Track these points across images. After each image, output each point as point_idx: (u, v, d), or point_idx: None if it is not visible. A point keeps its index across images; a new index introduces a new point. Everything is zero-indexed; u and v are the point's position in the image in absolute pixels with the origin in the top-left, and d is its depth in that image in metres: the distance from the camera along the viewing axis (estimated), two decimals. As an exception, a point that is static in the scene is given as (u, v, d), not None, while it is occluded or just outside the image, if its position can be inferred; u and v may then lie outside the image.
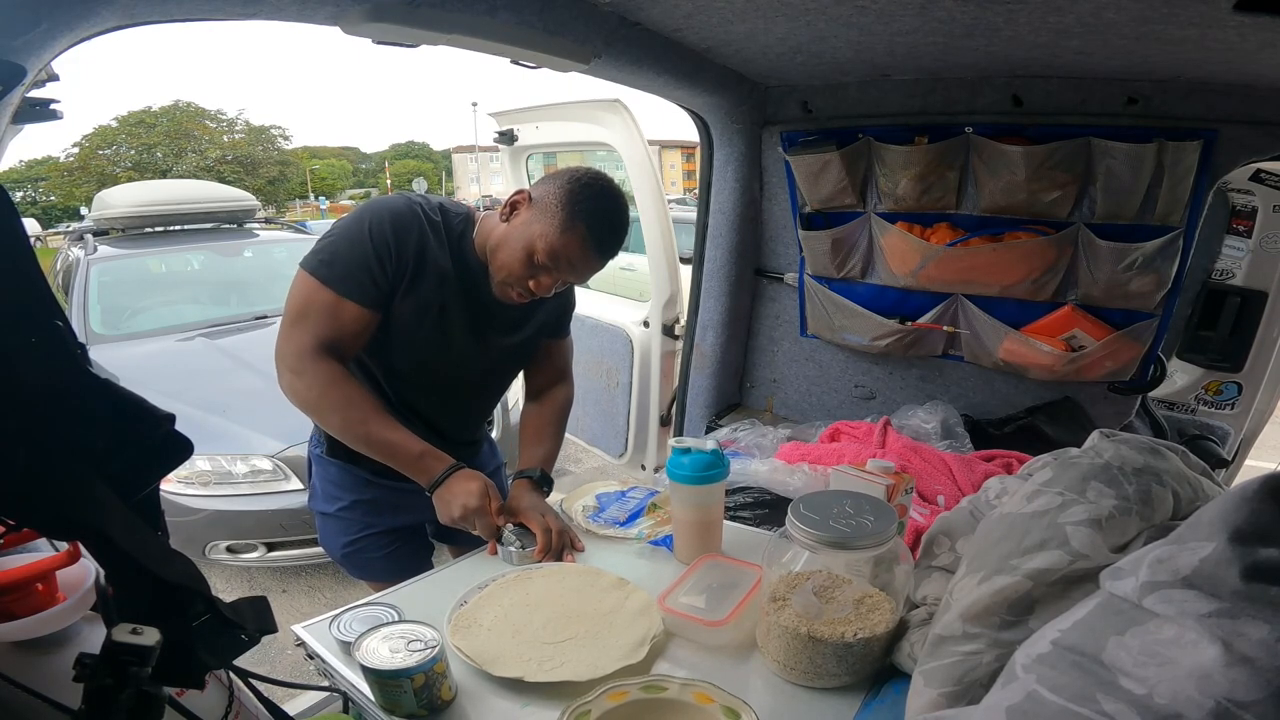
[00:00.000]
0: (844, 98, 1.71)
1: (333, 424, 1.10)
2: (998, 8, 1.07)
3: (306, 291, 1.06)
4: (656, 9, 1.24)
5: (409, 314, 1.12)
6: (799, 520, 0.84)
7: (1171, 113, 1.37)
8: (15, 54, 0.73)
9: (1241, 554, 0.49)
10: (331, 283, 1.05)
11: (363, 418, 1.08)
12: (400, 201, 1.11)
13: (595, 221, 1.07)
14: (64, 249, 4.68)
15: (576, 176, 1.09)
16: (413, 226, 1.09)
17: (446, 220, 1.15)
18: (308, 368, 1.05)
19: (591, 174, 1.10)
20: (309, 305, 1.06)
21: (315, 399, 1.07)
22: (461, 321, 1.17)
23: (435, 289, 1.12)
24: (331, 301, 1.05)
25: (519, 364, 1.36)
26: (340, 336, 1.07)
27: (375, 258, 1.05)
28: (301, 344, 1.05)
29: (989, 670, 0.67)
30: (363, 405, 1.08)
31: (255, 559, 2.63)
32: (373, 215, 1.08)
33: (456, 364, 1.21)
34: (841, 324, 1.88)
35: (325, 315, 1.06)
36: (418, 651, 0.77)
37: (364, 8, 0.99)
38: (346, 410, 1.07)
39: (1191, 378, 2.20)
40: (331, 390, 1.06)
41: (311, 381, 1.06)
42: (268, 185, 32.32)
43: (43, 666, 0.58)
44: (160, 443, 0.55)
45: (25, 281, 0.48)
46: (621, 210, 1.11)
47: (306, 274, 1.07)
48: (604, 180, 1.10)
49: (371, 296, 1.07)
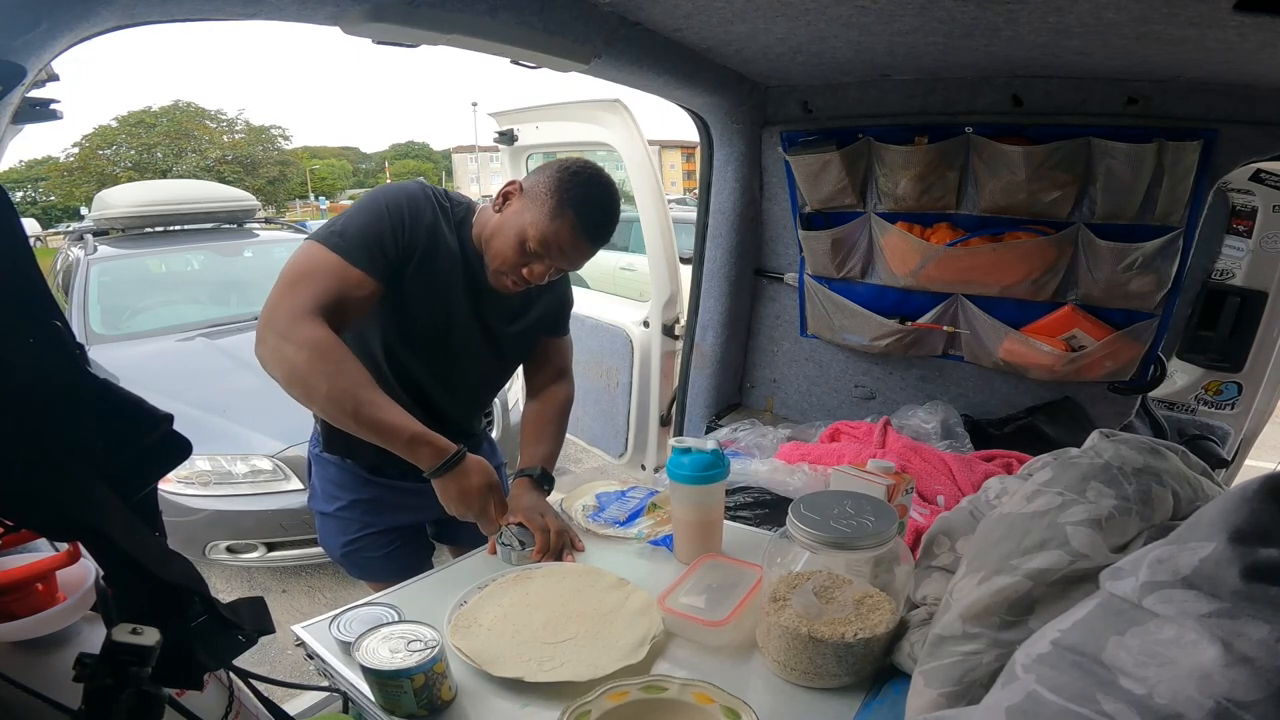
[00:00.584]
0: (844, 98, 1.71)
1: (319, 394, 0.97)
2: (998, 8, 1.07)
3: (311, 255, 1.02)
4: (656, 9, 1.24)
5: (420, 289, 1.12)
6: (799, 520, 0.84)
7: (1171, 113, 1.37)
8: (15, 54, 0.73)
9: (1241, 554, 0.49)
10: (340, 250, 1.03)
11: (355, 391, 0.98)
12: (413, 185, 1.15)
13: (584, 208, 1.09)
14: (64, 249, 4.67)
15: (566, 165, 1.11)
16: (426, 207, 1.12)
17: (453, 206, 1.19)
18: (299, 330, 0.96)
19: (580, 163, 1.12)
20: (313, 267, 1.01)
21: (303, 364, 0.95)
22: (465, 304, 1.19)
23: (446, 269, 1.14)
24: (338, 264, 1.02)
25: (518, 355, 1.35)
26: (343, 300, 1.01)
27: (390, 230, 1.07)
28: (296, 304, 0.98)
29: (989, 670, 0.67)
30: (355, 375, 0.99)
31: (255, 559, 2.63)
32: (389, 193, 1.11)
33: (459, 345, 1.21)
34: (841, 324, 1.88)
35: (330, 276, 1.01)
36: (418, 652, 0.77)
37: (364, 8, 0.99)
38: (337, 379, 0.96)
39: (1191, 378, 2.20)
40: (322, 356, 0.96)
41: (301, 344, 0.95)
42: (268, 185, 32.31)
43: (43, 666, 0.58)
44: (159, 443, 0.55)
45: (25, 281, 0.48)
46: (611, 197, 1.13)
47: (314, 242, 1.04)
48: (593, 168, 1.12)
49: (380, 267, 1.05)
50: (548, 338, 1.37)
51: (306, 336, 0.96)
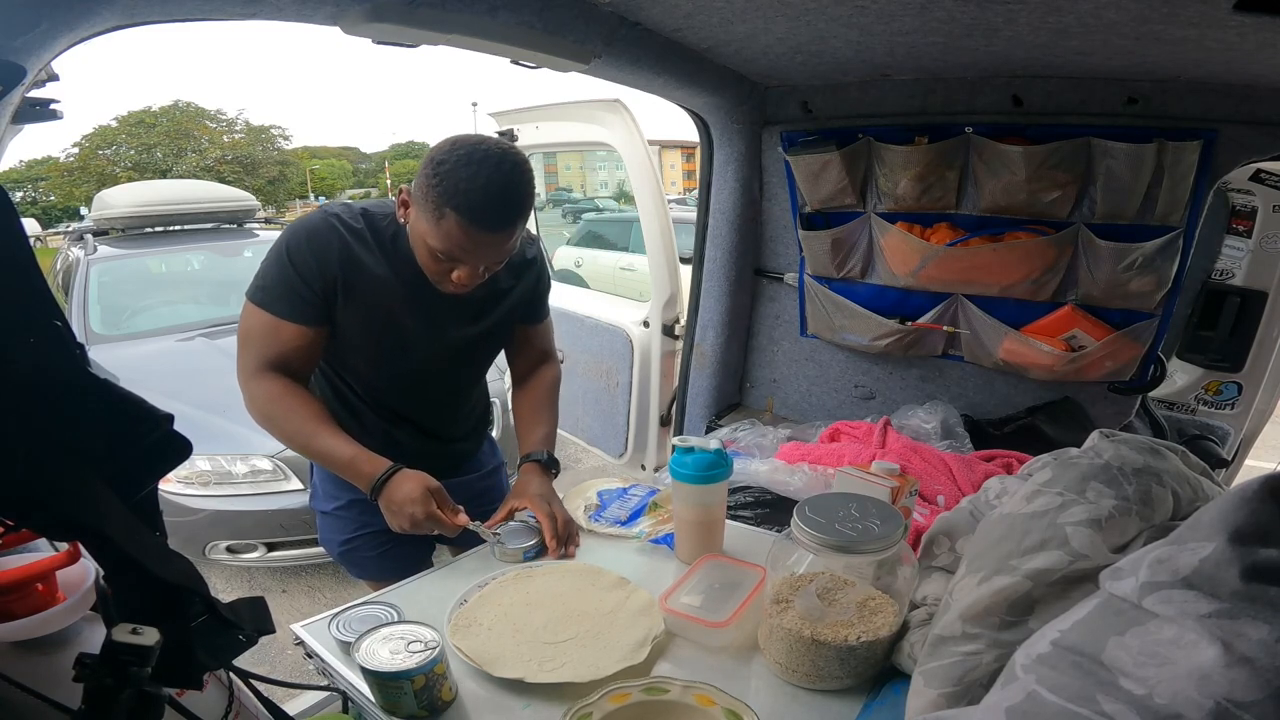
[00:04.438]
0: (844, 98, 1.71)
1: (282, 437, 1.11)
2: (998, 8, 1.07)
3: (247, 316, 1.10)
4: (656, 9, 1.24)
5: (355, 324, 1.12)
6: (804, 523, 0.84)
7: (1171, 113, 1.37)
8: (15, 54, 0.73)
9: (1241, 554, 0.49)
10: (267, 305, 1.07)
11: (302, 428, 1.09)
12: (316, 218, 1.10)
13: (463, 199, 0.95)
14: (64, 249, 4.67)
15: (433, 156, 0.98)
16: (330, 240, 1.07)
17: (372, 225, 1.11)
18: (252, 388, 1.09)
19: (449, 144, 0.98)
20: (250, 330, 1.09)
21: (264, 416, 1.10)
22: (415, 320, 1.15)
23: (375, 295, 1.11)
24: (269, 323, 1.07)
25: (490, 351, 1.34)
26: (283, 354, 1.09)
27: (299, 278, 1.06)
28: (245, 366, 1.09)
29: (989, 670, 0.67)
30: (304, 415, 1.09)
31: (255, 559, 2.63)
32: (289, 237, 1.08)
33: (421, 362, 1.20)
34: (841, 324, 1.88)
35: (265, 336, 1.08)
36: (418, 653, 0.77)
37: (364, 8, 0.99)
38: (287, 422, 1.09)
39: (1191, 378, 2.20)
40: (273, 405, 1.09)
41: (255, 398, 1.09)
42: (268, 185, 32.28)
43: (43, 666, 0.58)
44: (160, 443, 0.55)
45: (25, 281, 0.48)
46: (498, 170, 0.96)
47: (247, 301, 1.09)
48: (464, 146, 0.97)
49: (307, 314, 1.08)
50: (526, 326, 1.34)
51: (257, 393, 1.09)
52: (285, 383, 1.10)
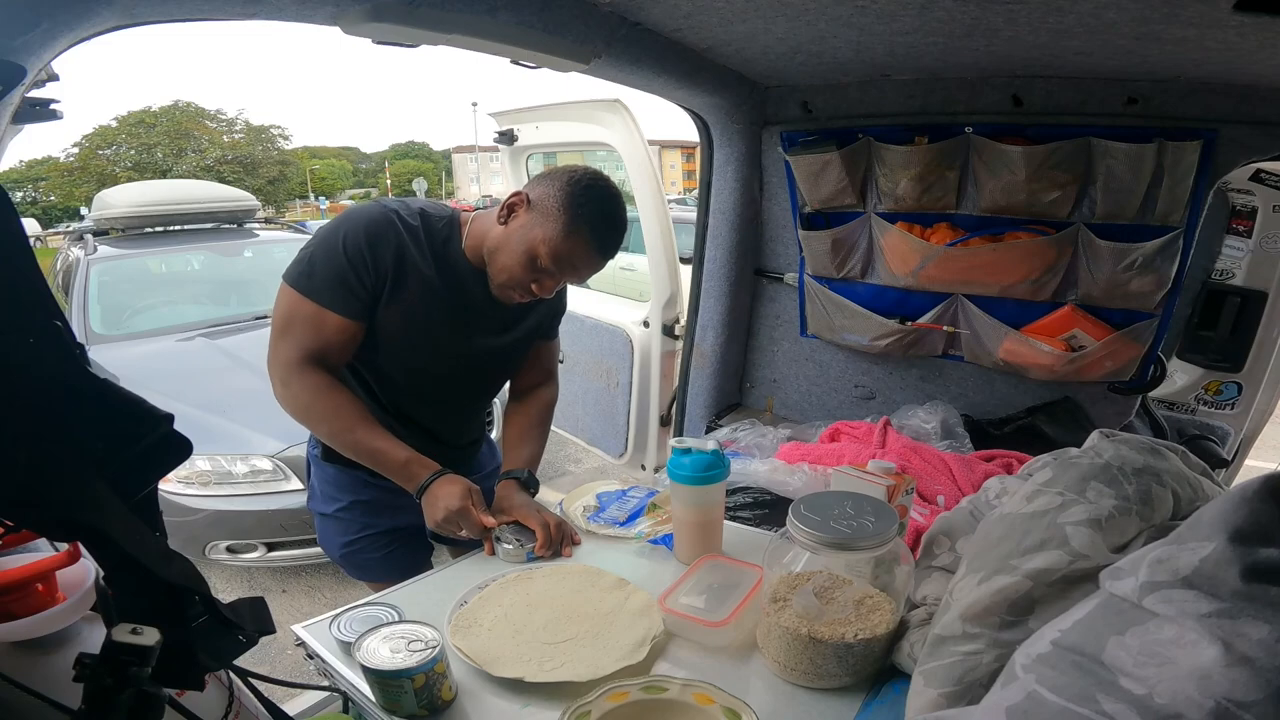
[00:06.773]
0: (844, 98, 1.71)
1: (322, 432, 1.13)
2: (998, 8, 1.07)
3: (289, 304, 1.08)
4: (656, 9, 1.24)
5: (394, 322, 1.12)
6: (800, 521, 0.84)
7: (1171, 113, 1.37)
8: (15, 54, 0.73)
9: (1241, 554, 0.49)
10: (313, 294, 1.06)
11: (350, 426, 1.10)
12: (376, 210, 1.10)
13: (598, 224, 1.07)
14: (64, 249, 4.67)
15: (575, 178, 1.07)
16: (389, 235, 1.08)
17: (428, 225, 1.13)
18: (294, 379, 1.08)
19: (590, 174, 1.09)
20: (293, 317, 1.07)
21: (304, 409, 1.10)
22: (447, 327, 1.16)
23: (418, 296, 1.12)
24: (314, 313, 1.06)
25: (510, 366, 1.35)
26: (325, 347, 1.08)
27: (351, 269, 1.06)
28: (288, 356, 1.08)
29: (989, 670, 0.67)
30: (350, 414, 1.10)
31: (255, 559, 2.63)
32: (348, 227, 1.07)
33: (445, 369, 1.21)
34: (841, 324, 1.88)
35: (309, 327, 1.07)
36: (418, 652, 0.77)
37: (364, 8, 0.99)
38: (334, 420, 1.10)
39: (1191, 378, 2.20)
40: (318, 400, 1.08)
41: (299, 392, 1.08)
42: (268, 185, 32.29)
43: (43, 666, 0.58)
44: (160, 443, 0.55)
45: (25, 281, 0.48)
46: (621, 209, 1.11)
47: (288, 286, 1.08)
48: (603, 181, 1.09)
49: (353, 307, 1.08)
50: (539, 341, 1.36)
51: (302, 386, 1.08)
52: (328, 378, 1.09)
